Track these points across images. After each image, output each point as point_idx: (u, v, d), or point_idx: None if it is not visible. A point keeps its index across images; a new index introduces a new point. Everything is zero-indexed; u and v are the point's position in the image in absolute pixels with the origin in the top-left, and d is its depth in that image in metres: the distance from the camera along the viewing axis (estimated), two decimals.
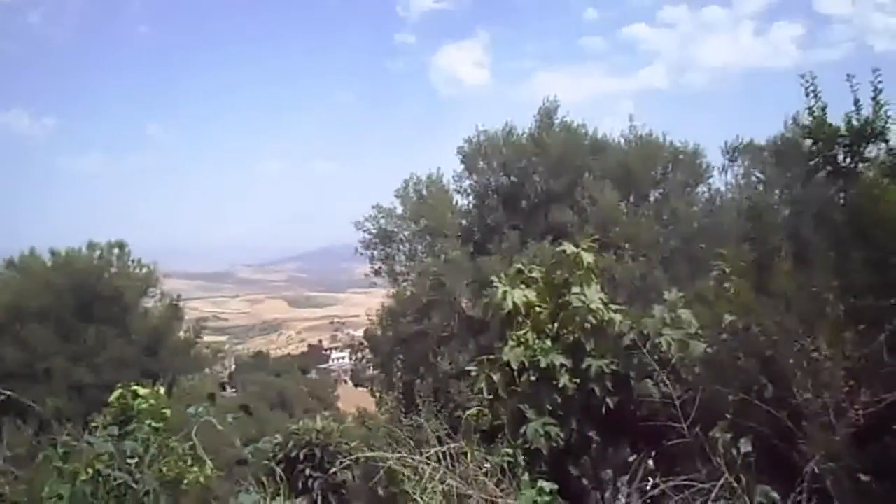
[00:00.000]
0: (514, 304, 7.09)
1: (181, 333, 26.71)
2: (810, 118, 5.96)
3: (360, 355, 24.08)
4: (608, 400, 6.43)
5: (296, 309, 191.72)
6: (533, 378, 6.57)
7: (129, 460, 5.18)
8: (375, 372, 23.24)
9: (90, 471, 5.25)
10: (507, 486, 3.70)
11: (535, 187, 20.55)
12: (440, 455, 3.70)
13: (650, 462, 5.77)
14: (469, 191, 21.41)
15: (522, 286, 7.28)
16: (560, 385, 6.43)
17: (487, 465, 3.76)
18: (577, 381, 6.46)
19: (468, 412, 6.04)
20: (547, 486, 3.70)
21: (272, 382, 58.86)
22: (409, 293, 19.79)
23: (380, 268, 20.77)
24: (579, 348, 6.72)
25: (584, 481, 6.03)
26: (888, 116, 5.76)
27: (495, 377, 6.74)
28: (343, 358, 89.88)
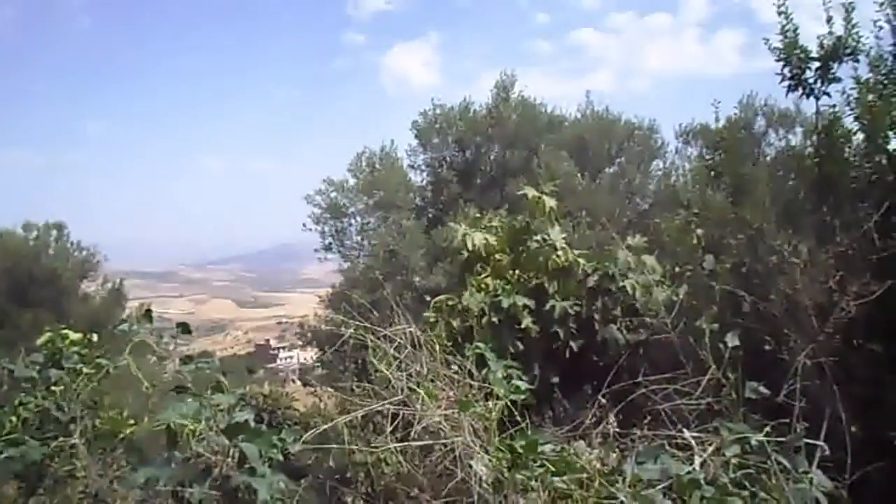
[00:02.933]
0: (474, 246, 6.82)
1: (123, 319, 25.62)
2: (782, 39, 5.80)
3: (307, 336, 23.35)
4: (572, 343, 6.21)
5: (242, 309, 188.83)
6: (495, 320, 6.29)
7: (53, 387, 4.71)
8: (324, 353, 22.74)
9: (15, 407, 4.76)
10: (476, 389, 3.37)
11: (491, 161, 20.39)
12: (409, 337, 3.37)
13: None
14: (423, 166, 21.10)
15: (483, 230, 7.03)
16: (522, 326, 6.16)
17: (455, 366, 3.42)
18: (540, 325, 6.18)
19: (437, 298, 5.73)
20: (522, 384, 3.37)
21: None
22: (361, 267, 19.26)
23: (330, 243, 20.29)
24: (542, 291, 6.46)
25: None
26: (859, 36, 5.66)
27: (454, 323, 6.45)
28: (291, 357, 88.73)
